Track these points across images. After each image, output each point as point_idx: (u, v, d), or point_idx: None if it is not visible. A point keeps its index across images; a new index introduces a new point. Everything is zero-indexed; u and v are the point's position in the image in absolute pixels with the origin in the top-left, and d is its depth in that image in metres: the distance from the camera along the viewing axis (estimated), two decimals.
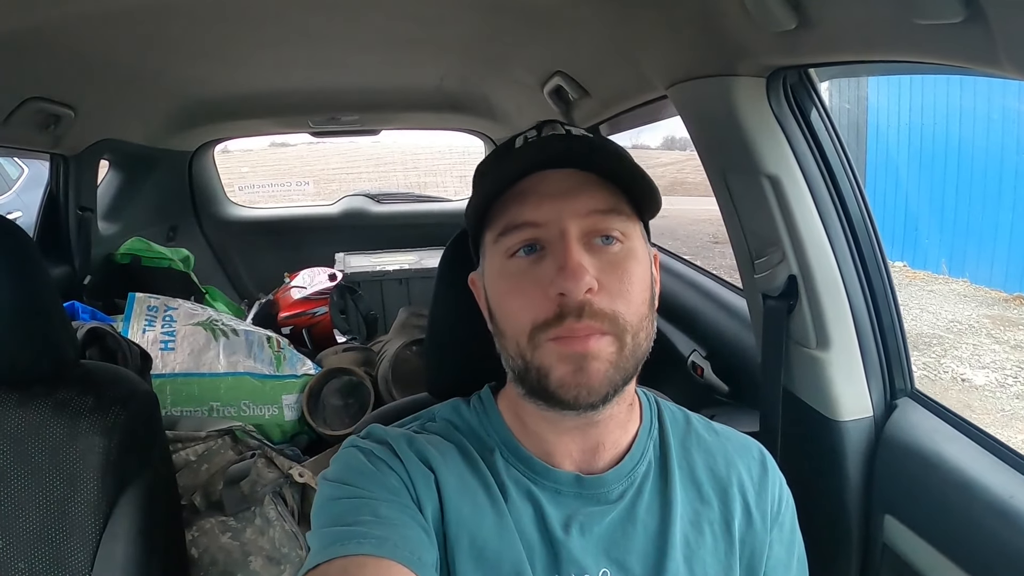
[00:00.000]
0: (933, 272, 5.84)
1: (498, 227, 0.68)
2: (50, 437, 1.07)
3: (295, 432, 2.15)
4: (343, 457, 0.71)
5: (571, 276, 0.62)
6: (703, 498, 0.74)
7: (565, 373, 0.64)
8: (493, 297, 0.71)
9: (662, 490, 0.73)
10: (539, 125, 0.73)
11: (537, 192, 0.66)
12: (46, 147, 2.16)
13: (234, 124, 3.04)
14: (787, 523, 0.77)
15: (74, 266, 2.47)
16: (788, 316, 1.18)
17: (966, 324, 5.05)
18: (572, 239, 0.64)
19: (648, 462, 0.74)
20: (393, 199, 3.77)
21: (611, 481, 0.71)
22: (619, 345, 0.64)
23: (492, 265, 0.70)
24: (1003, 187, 5.05)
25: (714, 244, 5.94)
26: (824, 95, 1.14)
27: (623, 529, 0.70)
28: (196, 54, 1.82)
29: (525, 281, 0.66)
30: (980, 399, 4.01)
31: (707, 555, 0.70)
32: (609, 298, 0.64)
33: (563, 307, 0.63)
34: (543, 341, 0.64)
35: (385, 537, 0.60)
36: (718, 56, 1.07)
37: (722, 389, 1.56)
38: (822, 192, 1.12)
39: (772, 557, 0.74)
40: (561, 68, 1.78)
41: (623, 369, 0.65)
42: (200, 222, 3.42)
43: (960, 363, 4.49)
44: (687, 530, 0.71)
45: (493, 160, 0.74)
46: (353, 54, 1.94)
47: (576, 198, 0.66)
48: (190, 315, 2.19)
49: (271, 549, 1.57)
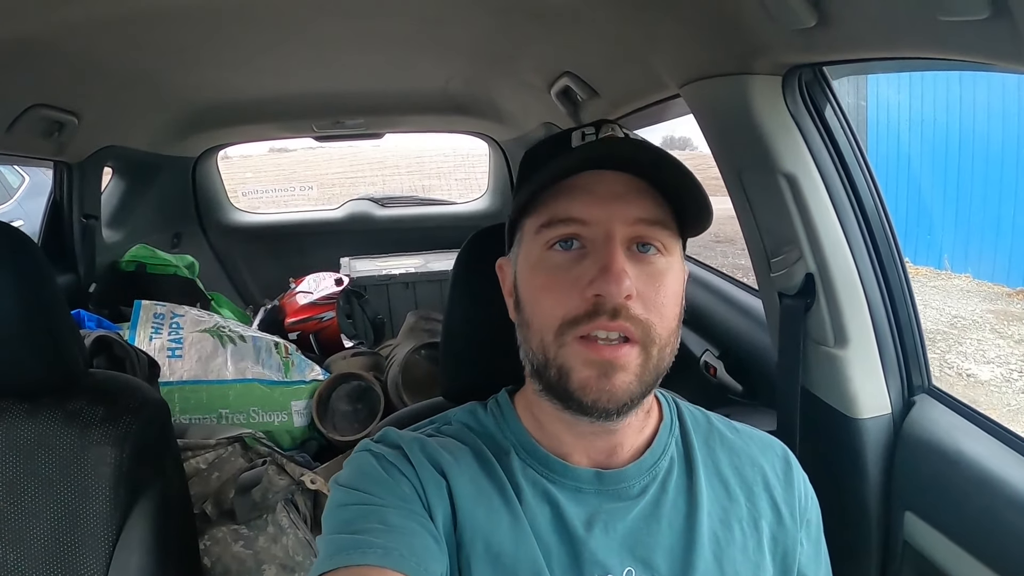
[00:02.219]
0: (936, 268, 5.84)
1: (542, 217, 0.68)
2: (61, 448, 1.05)
3: (305, 438, 2.14)
4: (356, 461, 0.71)
5: (613, 279, 0.62)
6: (730, 495, 0.73)
7: (589, 377, 0.64)
8: (524, 286, 0.70)
9: (688, 486, 0.72)
10: (597, 123, 0.73)
11: (589, 190, 0.66)
12: (50, 154, 2.16)
13: (237, 129, 3.03)
14: (814, 520, 0.77)
15: (79, 274, 2.47)
16: (805, 314, 1.18)
17: (970, 319, 5.05)
18: (617, 243, 0.64)
19: (671, 457, 0.74)
20: (397, 203, 3.76)
21: (632, 476, 0.71)
22: (645, 357, 0.65)
23: (529, 254, 0.70)
24: (1004, 181, 5.05)
25: (716, 243, 5.93)
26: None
27: (647, 526, 0.69)
28: (199, 60, 1.82)
29: (561, 277, 0.66)
30: (986, 394, 4.02)
31: (737, 552, 0.70)
32: (644, 307, 0.64)
33: (598, 306, 0.63)
34: (570, 339, 0.64)
35: (391, 547, 0.60)
36: (734, 54, 1.07)
37: (736, 388, 1.55)
38: (838, 190, 1.12)
39: (803, 554, 0.74)
40: (569, 68, 1.77)
41: (645, 383, 0.65)
42: (204, 228, 3.41)
43: (965, 359, 4.49)
44: (716, 527, 0.70)
45: (548, 150, 0.73)
46: (357, 57, 1.93)
47: (627, 203, 0.65)
48: (197, 322, 2.18)
49: (284, 557, 1.57)
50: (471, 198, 3.75)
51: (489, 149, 3.42)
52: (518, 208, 0.71)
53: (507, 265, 0.75)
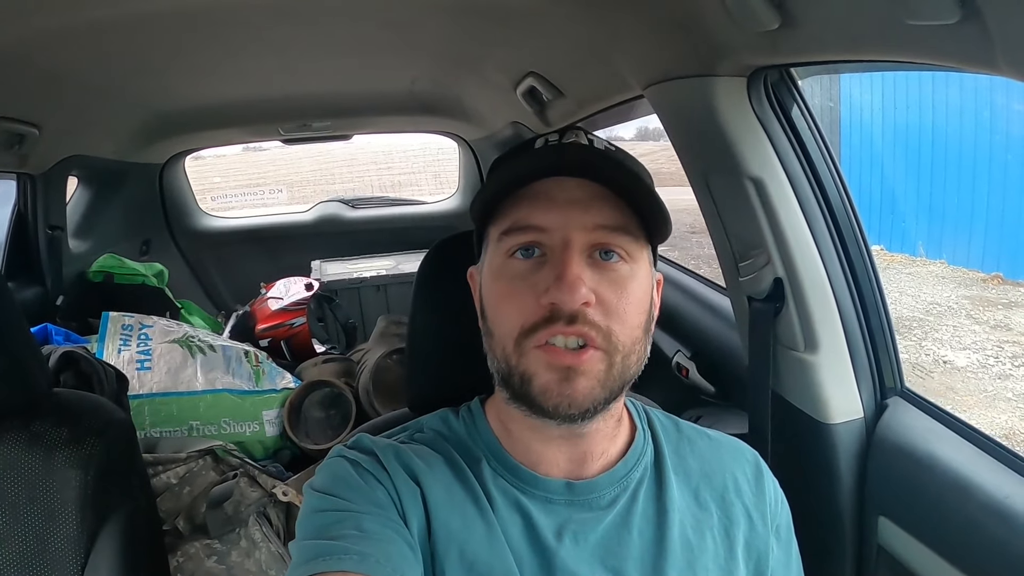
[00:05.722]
0: (911, 255, 5.90)
1: (503, 225, 0.67)
2: (25, 471, 1.03)
3: (277, 448, 2.11)
4: (330, 467, 0.70)
5: (567, 288, 0.61)
6: (700, 504, 0.73)
7: (549, 381, 0.63)
8: (487, 295, 0.70)
9: (658, 496, 0.71)
10: (562, 130, 0.72)
11: (548, 197, 0.65)
12: (11, 167, 2.10)
13: (203, 135, 2.99)
14: (784, 525, 0.77)
15: (46, 287, 2.42)
16: (775, 319, 1.16)
17: (945, 306, 5.11)
18: (574, 251, 0.63)
19: (644, 467, 0.73)
20: (367, 204, 3.75)
21: (603, 486, 0.70)
22: (608, 364, 0.64)
23: (492, 262, 0.69)
24: (978, 168, 5.10)
25: (691, 234, 5.95)
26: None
27: (618, 536, 0.68)
28: (161, 67, 1.78)
29: (520, 285, 0.65)
30: (963, 380, 4.06)
31: (709, 561, 0.69)
32: (604, 314, 0.63)
33: (554, 313, 0.62)
34: (529, 348, 0.64)
35: (367, 553, 0.59)
36: (697, 56, 1.05)
37: (708, 390, 1.55)
38: (806, 192, 1.11)
39: (774, 559, 0.74)
40: (534, 69, 1.76)
41: (608, 388, 0.65)
42: (173, 235, 3.36)
43: (941, 345, 4.54)
44: (688, 535, 0.70)
45: (510, 156, 0.72)
46: (321, 60, 1.90)
47: (586, 210, 0.64)
48: (166, 332, 2.14)
49: (258, 572, 1.55)
50: (441, 197, 3.74)
51: (458, 148, 3.40)
52: (478, 216, 0.70)
53: (476, 273, 0.74)
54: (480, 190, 0.70)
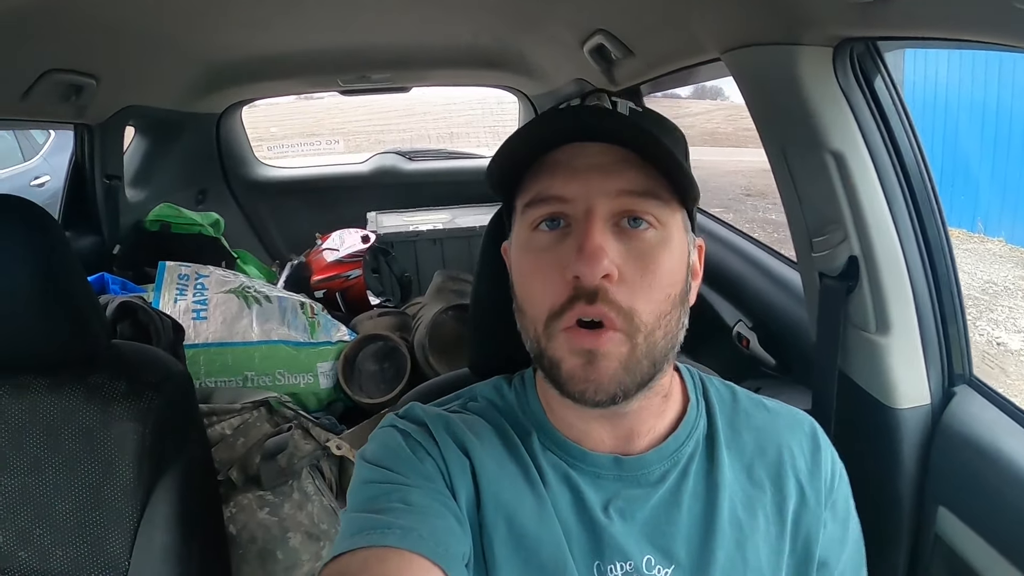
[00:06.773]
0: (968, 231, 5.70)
1: (526, 196, 0.65)
2: (83, 423, 1.05)
3: (331, 400, 2.14)
4: (381, 437, 0.70)
5: (589, 259, 0.59)
6: (754, 481, 0.71)
7: (575, 366, 0.62)
8: (516, 271, 0.69)
9: (708, 472, 0.70)
10: (584, 94, 0.69)
11: (569, 165, 0.63)
12: (69, 118, 2.14)
13: (261, 85, 2.99)
14: (841, 499, 0.74)
15: (103, 236, 2.47)
16: (847, 297, 1.13)
17: (1002, 286, 4.93)
18: (597, 219, 0.61)
19: (696, 442, 0.71)
20: (424, 156, 3.70)
21: (652, 461, 0.69)
22: (631, 345, 0.62)
23: (518, 236, 0.68)
24: None
25: (746, 196, 5.80)
26: None
27: (667, 514, 0.67)
28: (219, 18, 1.78)
29: (545, 260, 0.63)
30: (1016, 364, 3.94)
31: (760, 540, 0.68)
32: (628, 291, 0.61)
33: (576, 290, 0.60)
34: (556, 331, 0.62)
35: (411, 527, 0.58)
36: (782, 23, 1.01)
37: (769, 362, 1.52)
38: (887, 170, 1.07)
39: (826, 535, 0.72)
40: (603, 26, 1.71)
41: (633, 371, 0.62)
42: (229, 185, 3.39)
43: (995, 326, 4.40)
44: (739, 514, 0.68)
45: (529, 125, 0.69)
46: (382, 12, 1.88)
47: (608, 176, 0.62)
48: (222, 282, 2.17)
49: (310, 525, 1.58)
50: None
51: (518, 102, 3.35)
52: (500, 187, 0.69)
53: (509, 248, 0.73)
54: (492, 159, 0.67)
